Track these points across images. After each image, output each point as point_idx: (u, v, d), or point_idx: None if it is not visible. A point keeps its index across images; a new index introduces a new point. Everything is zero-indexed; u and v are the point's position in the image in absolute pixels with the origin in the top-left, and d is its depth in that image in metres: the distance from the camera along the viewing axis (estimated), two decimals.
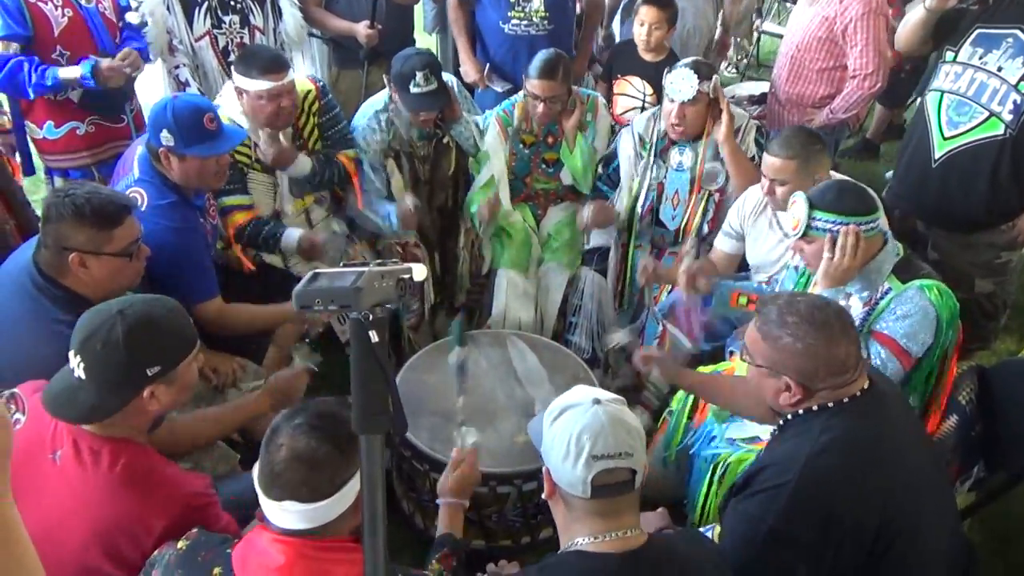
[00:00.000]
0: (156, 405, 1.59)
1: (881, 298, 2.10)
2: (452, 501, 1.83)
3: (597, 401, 1.39)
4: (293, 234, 2.75)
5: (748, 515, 1.60)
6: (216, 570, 1.34)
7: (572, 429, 1.35)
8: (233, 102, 2.71)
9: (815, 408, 1.63)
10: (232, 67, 2.69)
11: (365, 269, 0.93)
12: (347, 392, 0.96)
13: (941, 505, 1.69)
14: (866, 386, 1.64)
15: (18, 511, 0.78)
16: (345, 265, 0.97)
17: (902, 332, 2.05)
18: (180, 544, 1.41)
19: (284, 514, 1.31)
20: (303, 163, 2.83)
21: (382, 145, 2.97)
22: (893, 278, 2.10)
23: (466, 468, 1.87)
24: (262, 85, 2.59)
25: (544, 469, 1.42)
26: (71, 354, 1.55)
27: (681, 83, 2.77)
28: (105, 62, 2.82)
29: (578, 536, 1.38)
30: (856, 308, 2.12)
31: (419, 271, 0.99)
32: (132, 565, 1.47)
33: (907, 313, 2.05)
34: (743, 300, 2.51)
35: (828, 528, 1.53)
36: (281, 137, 2.77)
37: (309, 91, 2.92)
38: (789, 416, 1.66)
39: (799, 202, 2.10)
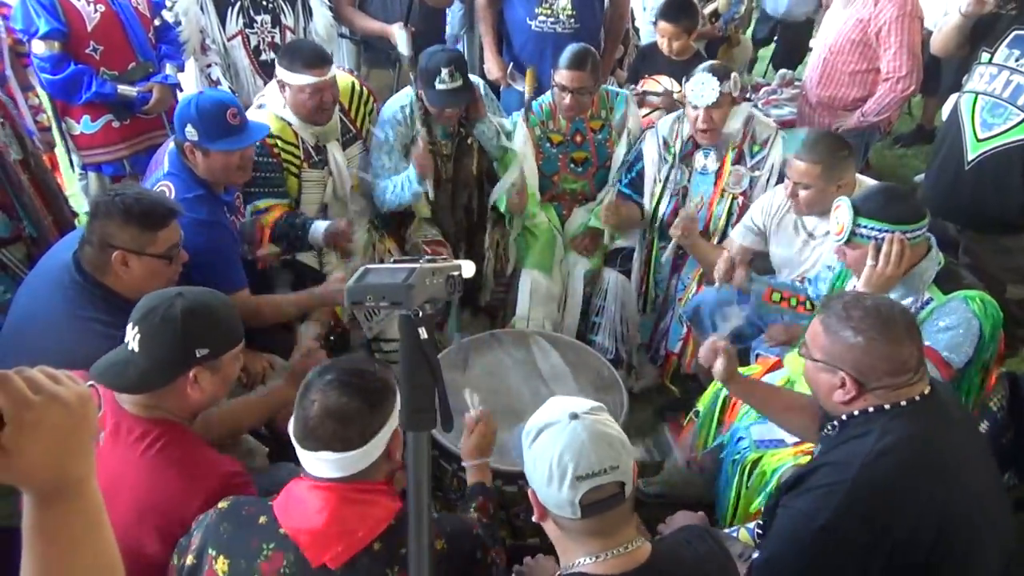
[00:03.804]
0: (197, 392, 1.65)
1: (922, 308, 2.07)
2: (478, 462, 1.88)
3: (574, 416, 1.31)
4: (318, 227, 2.74)
5: (800, 512, 1.57)
6: (262, 519, 1.42)
7: (552, 451, 1.28)
8: (276, 98, 2.73)
9: (872, 409, 1.59)
10: (276, 60, 2.72)
11: (416, 266, 0.93)
12: None
13: (998, 516, 1.64)
14: (926, 391, 1.60)
15: None
16: (395, 262, 0.97)
17: (944, 343, 2.02)
18: (221, 504, 1.48)
19: (320, 463, 1.39)
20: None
21: (404, 139, 2.99)
22: (935, 288, 2.06)
23: (483, 427, 1.92)
24: (305, 79, 2.61)
25: (530, 491, 1.35)
26: (129, 327, 1.62)
27: (702, 88, 2.77)
28: (152, 101, 3.08)
29: (579, 557, 1.33)
30: None
31: (468, 268, 1.00)
32: (173, 543, 1.52)
33: (950, 325, 2.02)
34: (776, 296, 2.49)
35: (882, 533, 1.50)
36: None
37: (352, 84, 2.95)
38: (844, 417, 1.63)
39: (843, 207, 2.07)
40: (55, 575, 0.79)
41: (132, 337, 1.61)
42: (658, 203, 3.06)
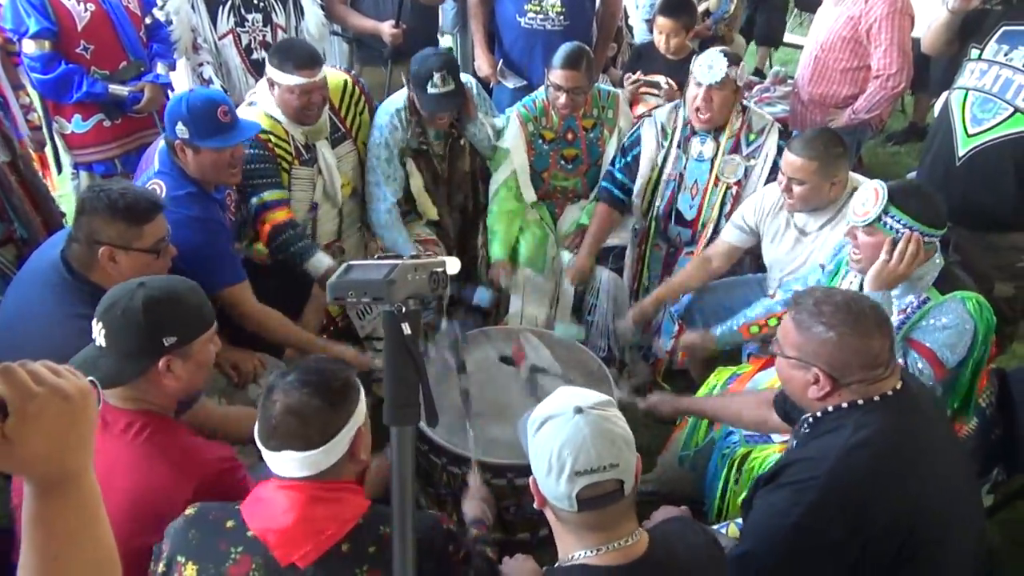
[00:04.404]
0: (172, 380, 1.63)
1: (919, 307, 2.07)
2: (480, 520, 1.91)
3: (579, 410, 1.30)
4: (323, 261, 2.71)
5: (775, 508, 1.57)
6: (229, 523, 1.41)
7: (553, 443, 1.29)
8: (267, 96, 2.72)
9: (846, 405, 1.60)
10: (267, 57, 2.70)
11: (399, 262, 0.93)
12: None
13: (971, 511, 1.65)
14: (899, 386, 1.61)
15: None
16: (379, 258, 0.98)
17: (940, 342, 2.03)
18: (189, 511, 1.47)
19: (284, 463, 1.39)
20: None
21: (402, 144, 2.99)
22: (933, 289, 2.06)
23: (484, 500, 1.99)
24: (293, 80, 2.60)
25: (531, 479, 1.36)
26: (94, 323, 1.61)
27: (710, 66, 2.76)
28: (143, 100, 3.09)
29: (577, 550, 1.34)
30: (893, 314, 2.08)
31: (452, 264, 1.00)
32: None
33: (946, 324, 2.02)
34: (755, 330, 2.50)
35: (856, 527, 1.51)
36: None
37: (345, 82, 2.94)
38: (819, 413, 1.64)
39: (877, 190, 2.03)
40: (53, 568, 0.80)
41: (98, 332, 1.60)
42: (654, 190, 3.07)
